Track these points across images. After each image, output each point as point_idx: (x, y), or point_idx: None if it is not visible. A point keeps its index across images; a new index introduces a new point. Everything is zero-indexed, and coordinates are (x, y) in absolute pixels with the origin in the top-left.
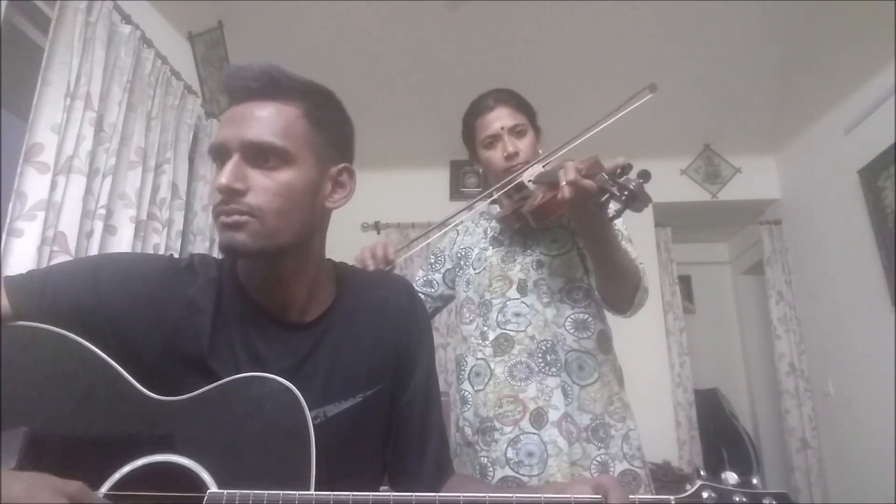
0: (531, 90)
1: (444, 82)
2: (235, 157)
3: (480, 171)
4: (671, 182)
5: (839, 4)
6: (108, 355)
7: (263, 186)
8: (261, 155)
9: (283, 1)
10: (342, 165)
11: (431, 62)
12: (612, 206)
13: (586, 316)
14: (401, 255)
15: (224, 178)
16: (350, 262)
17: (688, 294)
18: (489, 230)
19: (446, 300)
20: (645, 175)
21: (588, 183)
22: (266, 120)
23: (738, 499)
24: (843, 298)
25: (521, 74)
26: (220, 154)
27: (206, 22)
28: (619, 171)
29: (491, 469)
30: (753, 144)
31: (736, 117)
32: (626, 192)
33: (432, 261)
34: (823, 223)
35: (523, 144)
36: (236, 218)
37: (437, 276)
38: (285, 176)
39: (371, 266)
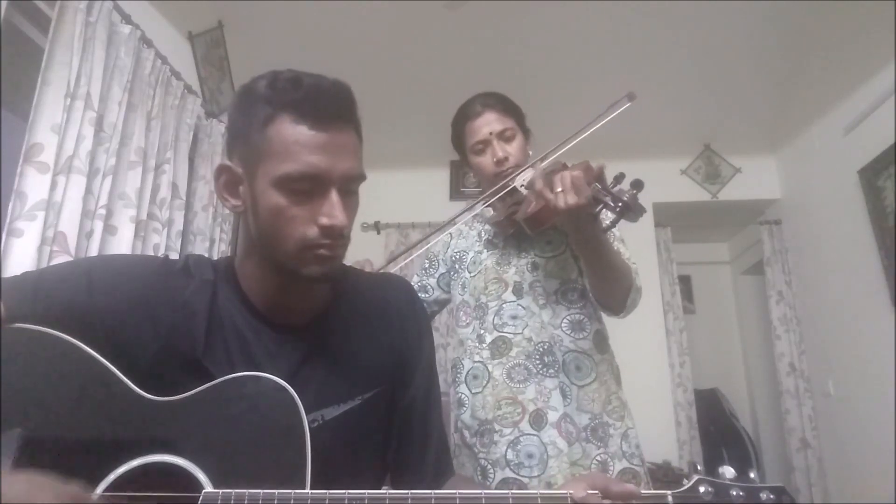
0: (531, 90)
1: (445, 82)
2: (336, 192)
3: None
4: (671, 182)
5: (839, 4)
6: (102, 357)
7: (350, 217)
8: (350, 185)
9: (283, 1)
10: None
11: (431, 62)
12: (606, 215)
13: (582, 316)
14: (385, 270)
15: (344, 220)
16: (349, 264)
17: (688, 294)
18: (483, 233)
19: (442, 304)
20: (638, 185)
21: (583, 194)
22: (353, 150)
23: (735, 493)
24: (843, 298)
25: (522, 74)
26: (312, 183)
27: (206, 22)
28: (612, 180)
29: (491, 471)
30: (753, 144)
31: (736, 117)
32: (619, 203)
33: (426, 265)
34: (823, 223)
35: (513, 149)
36: (338, 251)
37: (432, 281)
38: (357, 200)
39: None
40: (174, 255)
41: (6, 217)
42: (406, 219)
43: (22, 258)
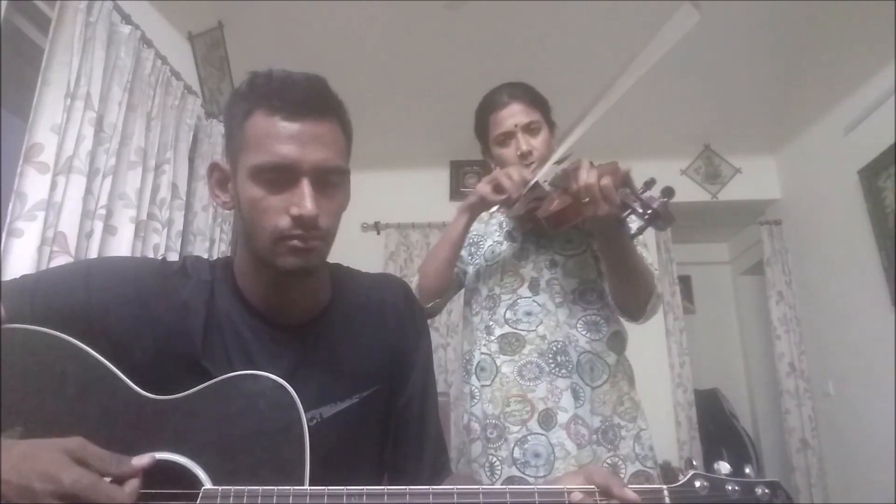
0: None
1: (444, 82)
2: (308, 183)
3: (479, 171)
4: (671, 182)
5: (839, 4)
6: (101, 357)
7: (329, 210)
8: (327, 177)
9: (283, 1)
10: None
11: (431, 62)
12: (633, 220)
13: (598, 318)
14: (538, 174)
15: (312, 209)
16: (348, 264)
17: (688, 294)
18: (504, 224)
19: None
20: (669, 192)
21: (614, 202)
22: (330, 141)
23: (730, 487)
24: (843, 298)
25: (521, 74)
26: (283, 173)
27: (206, 22)
28: (642, 186)
29: (499, 467)
30: (753, 144)
31: (736, 117)
32: (649, 211)
33: None
34: (823, 223)
35: (537, 142)
36: (312, 243)
37: (463, 253)
38: (341, 195)
39: (513, 193)
40: (174, 256)
41: (6, 217)
42: (406, 219)
43: (22, 258)
